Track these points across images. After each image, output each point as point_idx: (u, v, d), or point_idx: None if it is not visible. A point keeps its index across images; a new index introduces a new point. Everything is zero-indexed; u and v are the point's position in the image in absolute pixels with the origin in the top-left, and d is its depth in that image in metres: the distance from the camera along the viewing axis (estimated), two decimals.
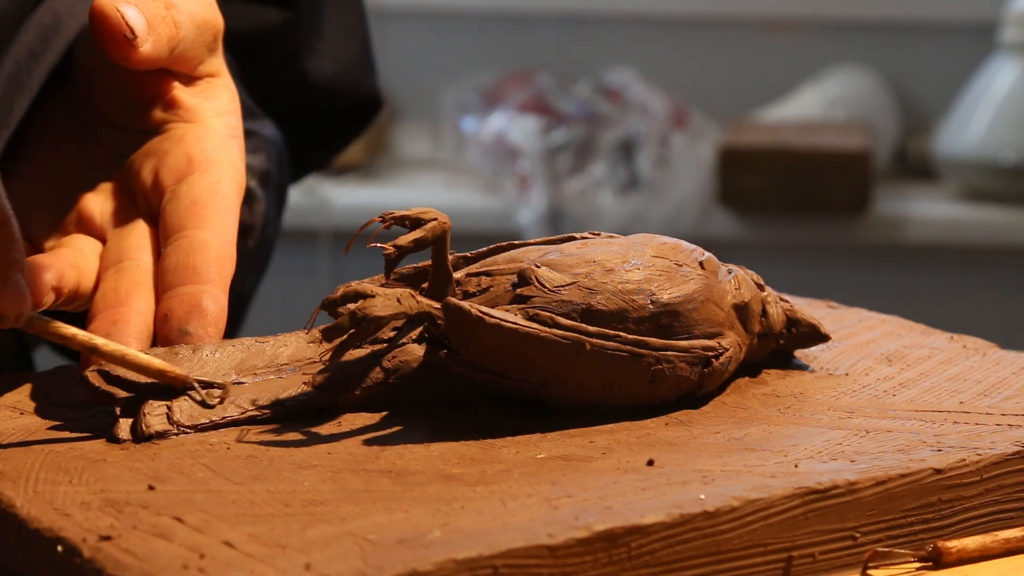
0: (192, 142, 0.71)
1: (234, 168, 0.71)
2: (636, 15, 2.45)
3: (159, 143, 0.72)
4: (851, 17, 2.42)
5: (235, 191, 0.70)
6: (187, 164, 0.71)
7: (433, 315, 0.62)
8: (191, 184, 0.70)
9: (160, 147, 0.72)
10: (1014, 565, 0.58)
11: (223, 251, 0.68)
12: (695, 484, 0.56)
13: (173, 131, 0.72)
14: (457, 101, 2.34)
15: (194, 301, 0.66)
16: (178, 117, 0.72)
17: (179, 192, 0.69)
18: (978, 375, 0.68)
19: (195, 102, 0.73)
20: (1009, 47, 2.18)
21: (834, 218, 2.12)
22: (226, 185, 0.70)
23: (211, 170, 0.70)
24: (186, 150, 0.71)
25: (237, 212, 0.70)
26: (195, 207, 0.69)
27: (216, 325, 0.66)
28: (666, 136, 2.17)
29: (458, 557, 0.50)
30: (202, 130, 0.72)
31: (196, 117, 0.73)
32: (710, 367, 0.65)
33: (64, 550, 0.51)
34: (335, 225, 2.17)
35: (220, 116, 0.73)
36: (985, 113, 2.16)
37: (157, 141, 0.72)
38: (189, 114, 0.73)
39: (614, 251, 0.66)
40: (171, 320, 0.66)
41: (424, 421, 0.63)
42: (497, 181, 2.20)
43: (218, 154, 0.71)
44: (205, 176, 0.70)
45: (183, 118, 0.72)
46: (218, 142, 0.72)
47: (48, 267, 0.66)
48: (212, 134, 0.72)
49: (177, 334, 0.65)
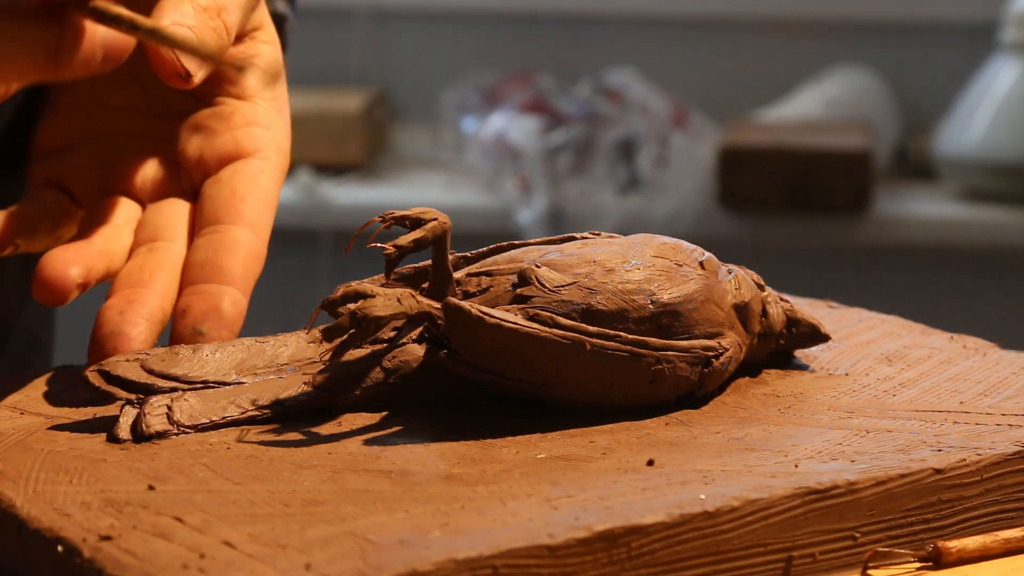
0: (240, 123, 0.71)
1: (279, 153, 0.72)
2: (636, 15, 2.45)
3: (206, 118, 0.72)
4: (851, 17, 2.42)
5: (277, 181, 0.71)
6: (234, 147, 0.71)
7: (433, 315, 0.62)
8: (234, 171, 0.70)
9: (207, 123, 0.72)
10: (1014, 565, 0.58)
11: (252, 251, 0.68)
12: (695, 484, 0.56)
13: (222, 107, 0.72)
14: (457, 101, 2.34)
15: (213, 302, 0.66)
16: (226, 91, 0.72)
17: (222, 178, 0.70)
18: (978, 375, 0.68)
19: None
20: (1009, 47, 2.18)
21: (834, 218, 2.12)
22: (268, 176, 0.70)
23: (256, 157, 0.70)
24: (234, 133, 0.71)
25: (275, 204, 0.70)
26: (234, 199, 0.69)
27: (231, 328, 0.66)
28: (666, 136, 2.17)
29: (458, 557, 0.50)
30: (251, 109, 0.72)
31: (244, 92, 0.72)
32: (710, 367, 0.65)
33: (64, 550, 0.51)
34: (335, 225, 2.17)
35: (267, 88, 0.73)
36: (985, 113, 2.16)
37: (205, 115, 0.72)
38: (237, 88, 0.72)
39: (614, 251, 0.66)
40: (188, 317, 0.66)
41: (424, 421, 0.63)
42: (497, 181, 2.20)
43: (266, 138, 0.71)
44: (249, 164, 0.70)
45: (231, 93, 0.72)
46: (267, 122, 0.72)
47: (75, 261, 0.66)
48: (261, 114, 0.72)
49: (191, 332, 0.66)
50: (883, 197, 2.17)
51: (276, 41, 0.74)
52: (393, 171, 2.36)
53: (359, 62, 2.47)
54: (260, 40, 0.73)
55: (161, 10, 0.67)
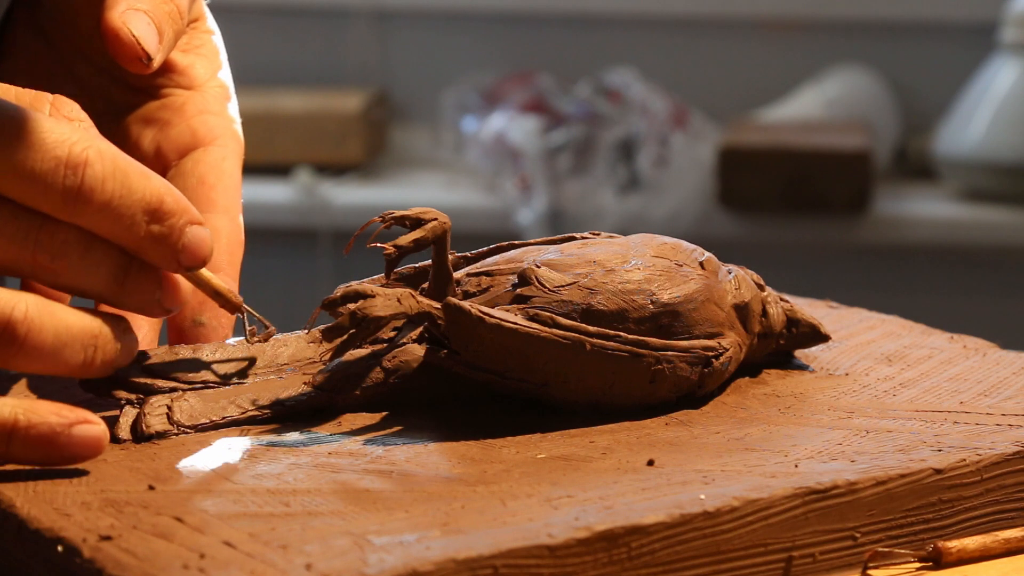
0: (194, 113, 0.71)
1: (235, 139, 0.71)
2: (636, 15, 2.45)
3: (157, 110, 0.72)
4: (851, 17, 2.42)
5: (238, 164, 0.71)
6: (191, 136, 0.70)
7: (433, 315, 0.62)
8: (196, 161, 0.70)
9: (160, 115, 0.71)
10: (1014, 565, 0.58)
11: (233, 237, 0.68)
12: (695, 484, 0.56)
13: (172, 98, 0.72)
14: (457, 101, 2.34)
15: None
16: (173, 82, 0.72)
17: (184, 169, 0.69)
18: (978, 375, 0.68)
19: (188, 61, 0.72)
20: (1009, 47, 2.18)
21: (834, 218, 2.12)
22: (231, 162, 0.70)
23: (215, 145, 0.70)
24: (188, 122, 0.71)
25: (240, 187, 0.70)
26: (202, 188, 0.69)
27: (229, 315, 0.66)
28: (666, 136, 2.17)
29: (458, 557, 0.50)
30: (201, 99, 0.72)
31: (193, 82, 0.72)
32: (710, 367, 0.65)
33: (64, 550, 0.51)
34: (335, 225, 2.17)
35: (214, 76, 0.73)
36: (985, 113, 2.16)
37: (155, 107, 0.72)
38: (184, 78, 0.72)
39: (614, 251, 0.66)
40: (186, 309, 0.66)
41: (424, 421, 0.63)
42: (497, 181, 2.20)
43: (221, 126, 0.71)
44: (210, 152, 0.70)
45: (179, 83, 0.72)
46: (218, 109, 0.72)
47: None
48: (211, 101, 0.72)
49: (191, 325, 0.66)
50: (883, 197, 2.17)
51: (216, 31, 0.74)
52: (393, 171, 2.36)
53: (359, 62, 2.47)
54: (201, 30, 0.73)
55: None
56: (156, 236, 0.58)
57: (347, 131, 2.25)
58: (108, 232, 0.57)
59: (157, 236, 0.58)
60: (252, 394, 0.63)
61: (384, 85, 2.46)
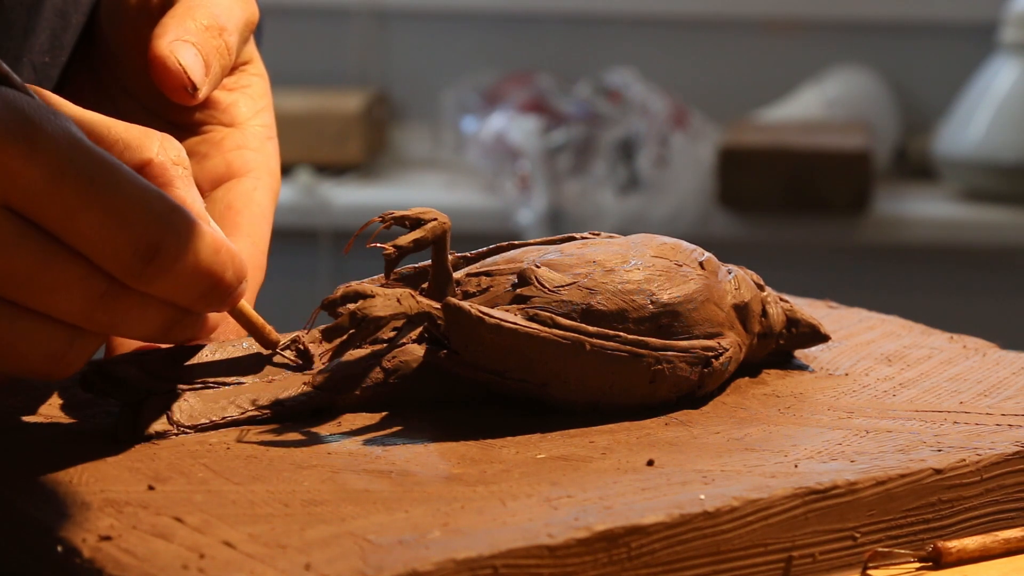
0: (231, 148, 0.72)
1: (271, 175, 0.72)
2: (636, 15, 2.45)
3: (196, 144, 0.72)
4: (851, 17, 2.42)
5: (271, 198, 0.71)
6: (225, 168, 0.71)
7: (433, 315, 0.62)
8: (227, 189, 0.70)
9: (198, 149, 0.72)
10: (1014, 565, 0.58)
11: (254, 260, 0.68)
12: (695, 484, 0.56)
13: (212, 134, 0.72)
14: (457, 101, 2.34)
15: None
16: (215, 119, 0.72)
17: (216, 196, 0.70)
18: (978, 375, 0.68)
19: (231, 99, 0.73)
20: (1009, 47, 2.18)
21: (834, 218, 2.12)
22: (262, 192, 0.70)
23: (248, 176, 0.70)
24: (225, 156, 0.71)
25: (271, 218, 0.70)
26: (230, 212, 0.69)
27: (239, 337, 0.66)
28: (666, 136, 2.17)
29: (458, 557, 0.50)
30: (240, 135, 0.72)
31: (234, 119, 0.73)
32: (710, 367, 0.65)
33: (64, 550, 0.51)
34: (335, 225, 2.17)
35: (257, 115, 0.73)
36: (985, 113, 2.16)
37: (195, 142, 0.72)
38: (226, 116, 0.73)
39: (614, 251, 0.66)
40: None
41: (424, 421, 0.63)
42: (497, 181, 2.20)
43: (256, 160, 0.72)
44: (242, 183, 0.70)
45: (221, 120, 0.72)
46: (257, 146, 0.72)
47: None
48: (251, 139, 0.72)
49: None
50: (883, 197, 2.17)
51: (265, 75, 0.75)
52: (393, 171, 2.36)
53: (359, 62, 2.47)
54: (250, 72, 0.74)
55: (165, 28, 0.67)
56: (211, 303, 0.58)
57: (347, 131, 2.25)
58: (169, 299, 0.58)
59: (212, 303, 0.58)
60: (252, 394, 0.63)
61: (384, 85, 2.46)
